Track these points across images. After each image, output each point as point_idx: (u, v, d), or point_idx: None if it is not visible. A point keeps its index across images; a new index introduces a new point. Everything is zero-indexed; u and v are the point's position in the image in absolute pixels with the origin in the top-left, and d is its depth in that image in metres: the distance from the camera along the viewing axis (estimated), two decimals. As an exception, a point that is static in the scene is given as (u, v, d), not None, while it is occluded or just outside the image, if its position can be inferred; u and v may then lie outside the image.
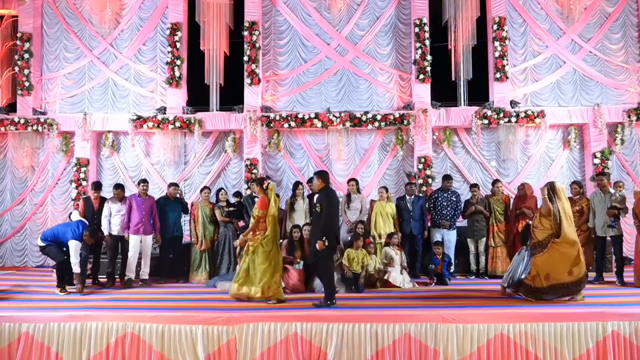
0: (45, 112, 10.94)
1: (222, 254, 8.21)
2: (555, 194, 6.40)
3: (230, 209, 8.34)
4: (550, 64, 10.61)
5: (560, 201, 6.38)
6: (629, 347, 5.54)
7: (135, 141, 10.64)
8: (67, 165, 10.79)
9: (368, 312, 5.91)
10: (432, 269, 7.77)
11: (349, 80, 10.79)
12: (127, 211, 7.95)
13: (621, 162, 10.36)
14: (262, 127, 10.39)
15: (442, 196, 8.55)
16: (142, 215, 7.93)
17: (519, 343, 5.54)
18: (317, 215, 6.37)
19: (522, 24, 10.67)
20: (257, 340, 5.59)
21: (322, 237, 6.14)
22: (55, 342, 5.75)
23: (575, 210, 7.85)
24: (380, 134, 10.61)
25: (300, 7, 10.85)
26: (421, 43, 10.37)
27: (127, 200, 8.06)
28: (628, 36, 10.57)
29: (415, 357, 5.54)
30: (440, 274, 7.79)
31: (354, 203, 8.39)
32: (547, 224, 6.41)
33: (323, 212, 6.22)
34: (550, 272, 6.28)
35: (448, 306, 6.07)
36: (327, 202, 6.26)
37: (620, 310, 5.78)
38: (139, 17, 10.99)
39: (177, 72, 10.58)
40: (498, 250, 8.35)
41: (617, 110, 10.26)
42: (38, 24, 11.04)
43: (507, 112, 10.18)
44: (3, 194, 10.90)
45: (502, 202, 8.45)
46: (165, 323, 5.72)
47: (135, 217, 7.91)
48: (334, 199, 6.45)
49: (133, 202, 7.98)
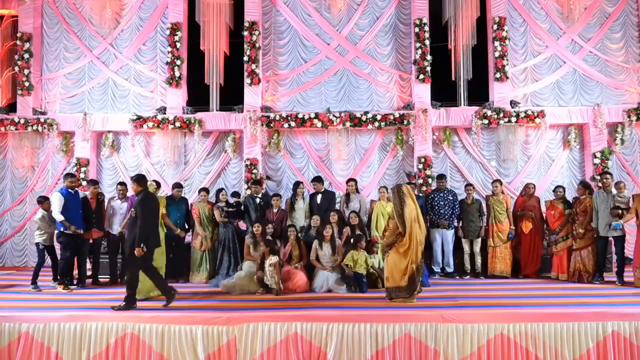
0: (45, 112, 10.95)
1: (222, 254, 8.20)
2: (402, 196, 6.49)
3: (230, 209, 8.33)
4: (551, 63, 10.61)
5: (407, 204, 6.47)
6: (629, 347, 5.54)
7: (135, 141, 10.64)
8: (67, 165, 10.79)
9: (368, 312, 5.91)
10: None
11: (349, 80, 10.79)
12: (128, 211, 7.93)
13: (621, 162, 10.36)
14: (262, 127, 10.39)
15: (439, 196, 8.57)
16: None
17: (519, 343, 5.54)
18: (133, 221, 6.29)
19: (522, 24, 10.66)
20: (257, 341, 5.59)
21: (140, 244, 6.07)
22: (55, 342, 5.75)
23: (580, 210, 7.86)
24: (380, 134, 10.61)
25: (300, 7, 10.85)
26: (421, 43, 10.37)
27: (129, 199, 8.06)
28: (628, 36, 10.56)
29: (415, 357, 5.54)
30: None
31: (353, 203, 8.39)
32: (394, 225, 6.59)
33: (139, 218, 6.15)
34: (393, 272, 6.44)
35: (448, 306, 6.07)
36: (141, 207, 6.19)
37: (620, 310, 5.78)
38: (139, 17, 10.99)
39: (177, 72, 10.58)
40: (497, 250, 8.35)
41: (617, 110, 10.26)
42: (38, 24, 11.05)
43: (507, 112, 10.18)
44: (3, 194, 10.91)
45: (502, 202, 8.45)
46: (165, 323, 5.72)
47: None
48: (151, 204, 6.35)
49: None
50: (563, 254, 8.04)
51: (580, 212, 7.87)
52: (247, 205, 8.42)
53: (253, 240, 7.60)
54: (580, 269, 7.78)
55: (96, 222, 7.97)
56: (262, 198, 8.48)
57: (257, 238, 7.55)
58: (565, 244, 8.03)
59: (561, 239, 8.06)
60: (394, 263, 6.44)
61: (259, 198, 8.45)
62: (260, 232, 7.57)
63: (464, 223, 8.54)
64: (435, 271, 8.54)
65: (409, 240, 6.36)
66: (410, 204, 6.45)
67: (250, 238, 7.64)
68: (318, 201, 8.39)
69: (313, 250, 7.54)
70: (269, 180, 10.55)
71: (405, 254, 6.38)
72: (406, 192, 6.49)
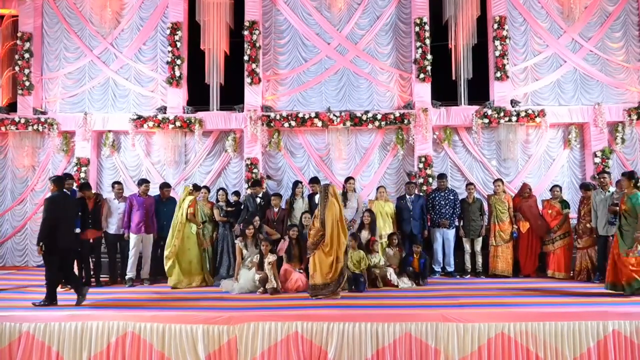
0: (45, 112, 10.95)
1: (222, 254, 8.19)
2: (328, 196, 6.64)
3: (229, 209, 8.33)
4: (551, 63, 10.60)
5: (329, 205, 6.61)
6: (629, 346, 5.54)
7: (136, 141, 10.65)
8: (68, 165, 10.79)
9: (368, 311, 5.90)
10: (411, 271, 7.66)
11: (349, 79, 10.79)
12: (127, 211, 7.98)
13: (622, 161, 10.35)
14: (263, 127, 10.39)
15: (439, 195, 8.58)
16: (143, 214, 7.98)
17: (519, 342, 5.54)
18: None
19: (523, 23, 10.66)
20: (258, 340, 5.59)
21: (39, 243, 6.30)
22: (56, 342, 5.75)
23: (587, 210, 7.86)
24: (380, 133, 10.61)
25: (300, 7, 10.84)
26: (421, 42, 10.37)
27: (128, 199, 8.09)
28: (629, 35, 10.56)
29: (416, 356, 5.54)
30: (419, 274, 7.68)
31: (351, 202, 8.38)
32: (319, 224, 6.70)
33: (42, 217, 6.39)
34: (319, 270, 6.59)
35: (449, 305, 6.06)
36: (45, 206, 6.41)
37: (621, 309, 5.77)
38: (139, 17, 10.99)
39: (178, 72, 10.58)
40: (499, 250, 8.35)
41: (618, 109, 10.25)
42: (38, 24, 11.05)
43: (507, 111, 10.17)
44: (4, 194, 10.91)
45: (504, 202, 8.44)
46: (165, 322, 5.72)
47: (137, 216, 7.95)
48: (60, 205, 6.46)
49: (134, 201, 8.02)
50: (560, 253, 8.05)
51: (587, 212, 7.87)
52: (247, 204, 8.41)
53: (244, 243, 7.59)
54: (588, 267, 7.81)
55: (93, 223, 7.95)
56: (262, 198, 8.48)
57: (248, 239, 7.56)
58: (562, 243, 8.05)
59: (558, 237, 8.07)
60: (320, 261, 6.63)
61: (260, 198, 8.45)
62: (253, 234, 7.59)
63: (464, 222, 8.54)
64: (436, 270, 8.54)
65: (330, 240, 6.57)
66: (334, 204, 6.63)
67: (241, 242, 7.60)
68: (316, 201, 8.37)
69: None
70: (269, 180, 10.56)
71: (329, 252, 6.58)
72: (332, 193, 6.69)
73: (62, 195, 6.65)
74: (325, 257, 6.62)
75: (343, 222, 6.71)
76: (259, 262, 7.18)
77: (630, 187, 6.56)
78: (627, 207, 6.46)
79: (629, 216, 6.43)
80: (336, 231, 6.60)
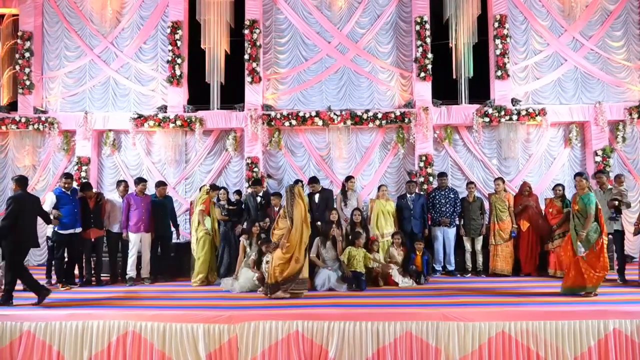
0: (46, 111, 10.95)
1: (223, 253, 8.19)
2: (294, 196, 6.69)
3: (231, 207, 8.33)
4: (552, 61, 10.59)
5: (296, 205, 6.67)
6: (630, 345, 5.54)
7: (136, 140, 10.64)
8: (68, 164, 10.79)
9: (369, 310, 5.91)
10: (413, 269, 7.67)
11: (349, 78, 10.78)
12: (125, 210, 7.96)
13: (622, 160, 10.34)
14: (263, 126, 10.39)
15: (440, 194, 8.58)
16: (141, 213, 7.98)
17: (520, 341, 5.54)
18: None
19: (524, 22, 10.64)
20: (258, 339, 5.60)
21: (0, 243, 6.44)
22: (57, 341, 5.76)
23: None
24: (381, 132, 10.60)
25: (301, 5, 10.83)
26: (422, 41, 10.36)
27: (125, 199, 8.06)
28: (629, 34, 10.54)
29: (417, 355, 5.55)
30: (420, 272, 7.69)
31: (351, 200, 8.39)
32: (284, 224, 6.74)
33: (3, 217, 6.47)
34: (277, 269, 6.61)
35: (449, 304, 6.06)
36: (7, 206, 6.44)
37: (621, 308, 5.78)
38: (139, 16, 10.98)
39: (178, 71, 10.58)
40: (499, 249, 8.35)
41: (619, 108, 10.24)
42: (39, 23, 11.04)
43: (508, 110, 10.17)
44: (4, 193, 10.89)
45: (504, 201, 8.44)
46: (166, 321, 5.73)
47: (135, 215, 7.95)
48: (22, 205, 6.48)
49: (131, 201, 8.00)
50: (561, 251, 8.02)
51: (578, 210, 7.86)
52: (248, 203, 8.41)
53: (249, 241, 7.59)
54: None
55: (95, 222, 7.96)
56: (263, 197, 8.48)
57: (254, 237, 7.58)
58: (562, 242, 8.01)
59: (558, 236, 8.06)
60: (279, 259, 6.64)
61: (260, 197, 8.45)
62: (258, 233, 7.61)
63: (465, 221, 8.54)
64: (437, 269, 8.54)
65: (292, 239, 6.60)
66: (299, 204, 6.68)
67: (247, 239, 7.63)
68: (316, 200, 8.39)
69: (314, 248, 7.53)
70: (270, 179, 10.56)
71: (288, 251, 6.61)
72: (297, 193, 6.74)
73: (26, 195, 6.67)
74: (283, 255, 6.65)
75: (307, 223, 6.77)
76: (257, 260, 7.19)
77: (583, 188, 6.55)
78: (579, 208, 6.48)
79: (581, 216, 6.44)
80: (299, 231, 6.64)
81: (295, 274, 6.62)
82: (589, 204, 6.41)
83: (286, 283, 6.61)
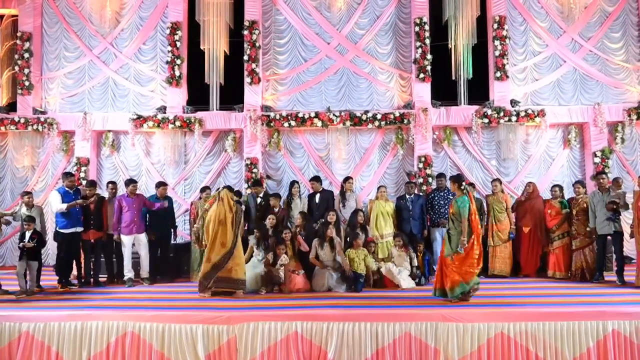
0: (45, 112, 10.94)
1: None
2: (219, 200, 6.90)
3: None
4: (551, 63, 10.61)
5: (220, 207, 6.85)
6: (629, 346, 5.54)
7: (136, 140, 10.64)
8: (68, 165, 10.78)
9: (368, 311, 5.91)
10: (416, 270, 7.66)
11: (349, 79, 10.79)
12: (117, 212, 7.82)
13: (621, 161, 10.36)
14: (262, 127, 10.39)
15: (439, 195, 8.57)
16: (133, 214, 7.82)
17: (519, 342, 5.54)
18: None
19: (523, 23, 10.66)
20: (258, 340, 5.59)
21: None
22: (56, 342, 5.75)
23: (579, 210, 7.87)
24: (380, 133, 10.61)
25: (300, 6, 10.84)
26: (421, 42, 10.37)
27: (116, 201, 7.90)
28: (628, 35, 10.56)
29: (416, 356, 5.55)
30: (421, 273, 7.68)
31: (349, 201, 8.38)
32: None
33: None
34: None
35: (448, 305, 6.06)
36: None
37: (620, 309, 5.77)
38: (139, 17, 10.99)
39: (177, 72, 10.58)
40: (497, 250, 8.34)
41: (618, 109, 10.26)
42: (38, 24, 11.04)
43: (507, 111, 10.18)
44: (3, 194, 10.90)
45: (502, 202, 8.43)
46: (165, 322, 5.72)
47: (127, 216, 7.80)
48: None
49: (123, 202, 7.84)
50: (560, 253, 8.03)
51: (579, 211, 7.87)
52: (247, 204, 8.41)
53: (256, 241, 7.59)
54: (583, 267, 7.79)
55: (95, 223, 7.92)
56: (262, 198, 8.47)
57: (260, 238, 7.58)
58: (561, 243, 8.04)
59: (557, 237, 8.06)
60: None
61: (260, 197, 8.45)
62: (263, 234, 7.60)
63: (464, 222, 8.52)
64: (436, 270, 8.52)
65: (209, 239, 6.79)
66: (217, 206, 6.84)
67: (254, 239, 7.62)
68: (317, 200, 8.39)
69: (313, 249, 7.53)
70: (269, 180, 10.55)
71: (210, 251, 6.77)
72: (222, 197, 6.93)
73: None
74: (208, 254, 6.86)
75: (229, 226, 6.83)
76: (272, 260, 7.23)
77: (458, 191, 6.52)
78: (454, 211, 6.44)
79: (456, 219, 6.39)
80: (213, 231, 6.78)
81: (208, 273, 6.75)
82: (462, 207, 6.34)
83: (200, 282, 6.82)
